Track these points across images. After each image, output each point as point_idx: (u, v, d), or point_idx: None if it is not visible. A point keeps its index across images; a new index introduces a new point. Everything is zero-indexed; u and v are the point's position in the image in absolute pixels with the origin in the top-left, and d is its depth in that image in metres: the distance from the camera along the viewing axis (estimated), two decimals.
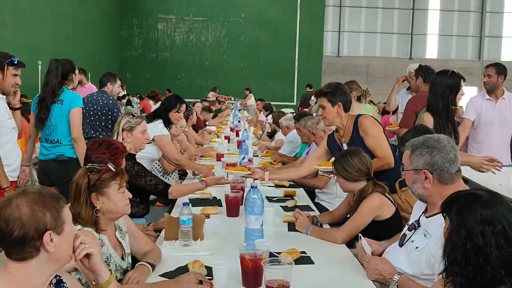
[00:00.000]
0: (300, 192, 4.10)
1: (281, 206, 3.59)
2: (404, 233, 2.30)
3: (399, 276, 2.13)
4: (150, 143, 4.12)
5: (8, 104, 3.71)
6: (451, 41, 24.61)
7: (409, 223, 2.32)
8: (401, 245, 2.28)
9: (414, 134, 2.74)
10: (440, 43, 24.81)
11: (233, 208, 3.32)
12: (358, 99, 5.02)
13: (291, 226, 3.07)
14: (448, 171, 2.12)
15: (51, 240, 1.47)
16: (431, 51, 24.89)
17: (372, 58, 24.21)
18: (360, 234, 2.48)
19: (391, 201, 2.88)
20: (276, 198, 3.82)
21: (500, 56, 24.49)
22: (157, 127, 4.29)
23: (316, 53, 21.56)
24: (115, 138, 3.38)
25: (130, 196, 2.23)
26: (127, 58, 20.09)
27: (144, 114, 6.01)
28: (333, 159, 3.30)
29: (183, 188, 3.61)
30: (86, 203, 2.07)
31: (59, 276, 1.64)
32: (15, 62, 3.51)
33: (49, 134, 4.15)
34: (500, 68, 4.65)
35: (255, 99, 14.95)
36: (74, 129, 4.08)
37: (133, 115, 3.54)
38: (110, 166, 2.11)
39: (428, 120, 3.59)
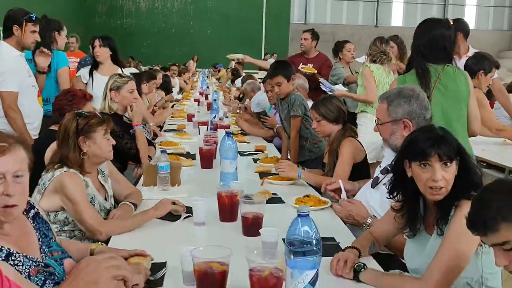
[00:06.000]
0: (270, 147, 4.28)
1: (253, 159, 3.76)
2: (377, 176, 2.41)
3: (371, 220, 2.25)
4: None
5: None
6: (416, 9, 24.95)
7: (382, 166, 2.43)
8: (373, 186, 2.41)
9: None
10: (406, 11, 25.12)
11: (207, 160, 3.46)
12: (373, 61, 4.65)
13: (262, 176, 3.24)
14: (425, 117, 2.20)
15: None
16: (397, 19, 25.20)
17: (339, 25, 24.35)
18: (339, 180, 2.56)
19: (361, 144, 3.09)
20: (247, 152, 4.00)
21: None
22: None
23: (283, 21, 21.55)
24: (103, 99, 3.48)
25: (114, 142, 2.36)
26: (91, 25, 19.59)
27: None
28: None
29: None
30: (74, 146, 2.19)
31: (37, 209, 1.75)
32: (33, 18, 3.50)
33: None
34: (458, 24, 4.56)
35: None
36: (62, 89, 4.10)
37: (121, 75, 3.58)
38: (97, 113, 2.24)
39: None
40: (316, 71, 5.39)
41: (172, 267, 1.79)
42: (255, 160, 3.70)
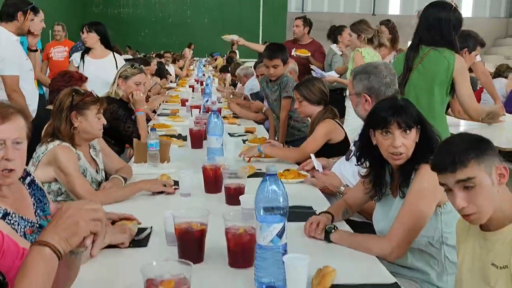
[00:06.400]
0: (260, 128, 4.42)
1: (242, 139, 3.90)
2: (350, 149, 2.58)
3: (344, 188, 2.43)
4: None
5: None
6: None
7: (355, 139, 2.60)
8: (347, 159, 2.58)
9: None
10: None
11: (197, 140, 3.60)
12: (370, 41, 4.71)
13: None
14: (384, 93, 2.32)
15: None
16: (394, 7, 25.20)
17: (336, 14, 24.32)
18: (311, 154, 2.80)
19: (341, 126, 3.24)
20: (237, 134, 4.13)
21: (461, 12, 24.97)
22: None
23: (281, 10, 21.55)
24: (112, 83, 3.65)
25: (105, 122, 2.49)
26: (88, 15, 19.58)
27: None
28: None
29: None
30: (66, 119, 2.33)
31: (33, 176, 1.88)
32: (35, 9, 3.73)
33: None
34: None
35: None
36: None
37: (133, 66, 3.72)
38: (93, 92, 2.38)
39: None
40: (310, 54, 5.47)
41: (157, 231, 1.94)
42: (244, 141, 3.83)
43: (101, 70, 4.33)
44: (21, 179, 1.77)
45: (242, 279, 1.59)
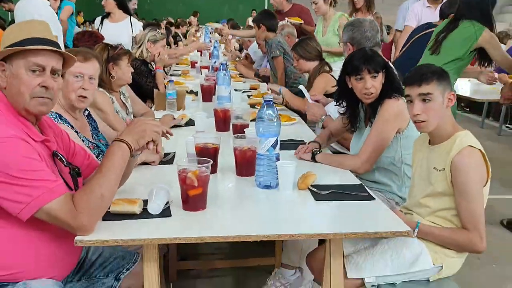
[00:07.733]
0: (263, 86, 4.91)
1: (247, 95, 4.39)
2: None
3: (325, 117, 2.94)
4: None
5: None
6: None
7: None
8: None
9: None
10: None
11: (207, 94, 4.10)
12: (334, 2, 4.99)
13: (253, 106, 3.87)
14: (365, 44, 2.80)
15: None
16: None
17: None
18: (301, 86, 3.29)
19: (335, 79, 3.71)
20: (243, 90, 4.62)
21: None
22: None
23: None
24: (137, 47, 4.25)
25: (133, 70, 3.01)
26: None
27: None
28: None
29: None
30: (106, 70, 2.84)
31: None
32: None
33: None
34: None
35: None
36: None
37: (159, 32, 4.38)
38: (122, 45, 2.89)
39: None
40: (302, 22, 5.75)
41: (178, 155, 2.46)
42: (249, 96, 4.33)
43: (116, 33, 4.86)
44: (83, 111, 2.31)
45: (246, 183, 2.11)
